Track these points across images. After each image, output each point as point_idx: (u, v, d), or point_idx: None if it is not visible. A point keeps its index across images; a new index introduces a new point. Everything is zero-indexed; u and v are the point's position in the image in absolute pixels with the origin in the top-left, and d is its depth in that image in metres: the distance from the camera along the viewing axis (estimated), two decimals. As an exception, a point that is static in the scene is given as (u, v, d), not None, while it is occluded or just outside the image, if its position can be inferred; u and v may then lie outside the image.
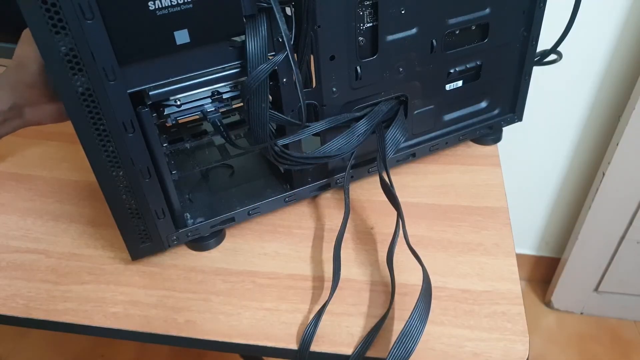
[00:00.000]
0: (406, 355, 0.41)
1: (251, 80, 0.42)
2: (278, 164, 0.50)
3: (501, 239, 0.54)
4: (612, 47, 0.92)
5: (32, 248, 0.56)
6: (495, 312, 0.47)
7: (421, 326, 0.42)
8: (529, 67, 0.61)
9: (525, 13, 0.56)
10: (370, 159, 0.59)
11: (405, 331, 0.42)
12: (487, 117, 0.64)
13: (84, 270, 0.53)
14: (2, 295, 0.50)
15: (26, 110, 0.54)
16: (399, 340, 0.41)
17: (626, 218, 1.08)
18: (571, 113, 1.03)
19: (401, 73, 0.53)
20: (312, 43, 0.47)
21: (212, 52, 0.43)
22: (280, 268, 0.52)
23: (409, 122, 0.58)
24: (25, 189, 0.64)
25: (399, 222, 0.49)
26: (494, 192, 0.59)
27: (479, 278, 0.50)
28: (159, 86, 0.42)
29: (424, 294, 0.44)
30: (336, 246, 0.50)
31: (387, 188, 0.51)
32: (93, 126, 0.41)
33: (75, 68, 0.38)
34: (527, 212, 1.22)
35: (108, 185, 0.45)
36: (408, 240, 0.48)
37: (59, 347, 1.26)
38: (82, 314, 0.48)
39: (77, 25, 0.36)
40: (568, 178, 1.14)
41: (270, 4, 0.41)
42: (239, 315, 0.48)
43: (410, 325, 0.42)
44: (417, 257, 0.47)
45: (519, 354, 0.43)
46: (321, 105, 0.51)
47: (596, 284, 1.22)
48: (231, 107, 0.47)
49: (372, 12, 0.48)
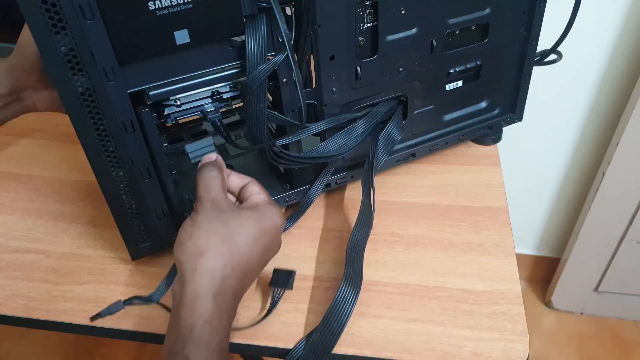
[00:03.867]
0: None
1: (251, 81, 0.42)
2: (276, 163, 0.50)
3: (501, 239, 0.54)
4: (612, 47, 0.92)
5: (32, 248, 0.56)
6: (495, 312, 0.47)
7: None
8: (529, 67, 0.61)
9: (525, 13, 0.56)
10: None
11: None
12: (487, 117, 0.64)
13: (84, 270, 0.53)
14: (2, 295, 0.50)
15: (25, 95, 0.54)
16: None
17: (626, 218, 1.08)
18: (571, 113, 1.03)
19: (401, 73, 0.53)
20: (312, 43, 0.47)
21: (212, 52, 0.43)
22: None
23: (409, 122, 0.58)
24: (25, 189, 0.64)
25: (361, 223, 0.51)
26: (494, 192, 0.59)
27: (479, 278, 0.50)
28: (159, 86, 0.42)
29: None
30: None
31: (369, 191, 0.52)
32: (93, 126, 0.41)
33: (75, 68, 0.38)
34: (527, 212, 1.22)
35: (108, 185, 0.45)
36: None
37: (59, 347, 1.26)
38: (82, 314, 0.48)
39: (77, 25, 0.36)
40: (568, 178, 1.14)
41: (270, 4, 0.41)
42: (239, 315, 0.48)
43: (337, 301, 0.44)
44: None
45: (519, 354, 0.43)
46: (321, 105, 0.51)
47: (596, 284, 1.22)
48: (231, 107, 0.47)
49: (372, 12, 0.48)
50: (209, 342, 0.36)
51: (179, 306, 0.36)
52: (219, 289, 0.37)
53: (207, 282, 0.37)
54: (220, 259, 0.38)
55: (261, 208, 0.43)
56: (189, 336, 0.35)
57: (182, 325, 0.36)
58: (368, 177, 0.53)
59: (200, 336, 0.35)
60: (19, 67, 0.52)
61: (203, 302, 0.36)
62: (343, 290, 0.45)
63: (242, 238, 0.40)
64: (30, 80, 0.53)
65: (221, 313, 0.37)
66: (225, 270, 0.38)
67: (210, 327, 0.36)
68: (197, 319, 0.36)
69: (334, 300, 0.44)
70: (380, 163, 0.54)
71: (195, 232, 0.39)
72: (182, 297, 0.36)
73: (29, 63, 0.52)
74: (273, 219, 0.43)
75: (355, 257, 0.48)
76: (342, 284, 0.45)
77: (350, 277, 0.46)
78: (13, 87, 0.53)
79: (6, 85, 0.52)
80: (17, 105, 0.55)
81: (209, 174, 0.42)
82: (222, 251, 0.38)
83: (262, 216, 0.42)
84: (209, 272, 0.37)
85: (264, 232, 0.41)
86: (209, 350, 0.35)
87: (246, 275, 0.40)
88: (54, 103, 0.55)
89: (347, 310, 0.44)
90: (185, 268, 0.37)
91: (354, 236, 0.50)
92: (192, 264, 0.37)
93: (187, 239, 0.39)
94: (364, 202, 0.52)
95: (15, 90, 0.53)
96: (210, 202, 0.41)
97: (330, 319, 0.44)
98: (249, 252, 0.40)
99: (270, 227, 0.42)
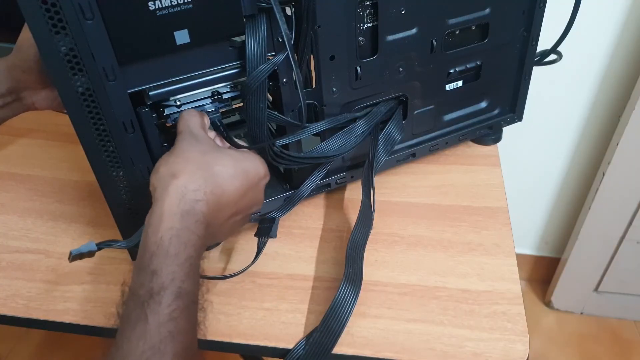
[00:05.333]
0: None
1: (251, 81, 0.42)
2: (276, 163, 0.50)
3: (501, 239, 0.54)
4: (612, 47, 0.92)
5: (32, 248, 0.56)
6: (495, 312, 0.47)
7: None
8: (529, 67, 0.61)
9: (525, 13, 0.56)
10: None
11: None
12: (487, 117, 0.64)
13: (84, 270, 0.53)
14: (2, 295, 0.50)
15: (25, 95, 0.54)
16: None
17: (626, 218, 1.08)
18: (571, 113, 1.03)
19: (401, 73, 0.53)
20: (312, 43, 0.47)
21: (212, 52, 0.43)
22: (280, 268, 0.52)
23: (409, 122, 0.58)
24: (25, 189, 0.64)
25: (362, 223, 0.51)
26: (494, 192, 0.59)
27: (479, 278, 0.50)
28: (159, 86, 0.42)
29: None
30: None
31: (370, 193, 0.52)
32: (93, 126, 0.41)
33: (75, 68, 0.38)
34: (527, 212, 1.22)
35: (108, 185, 0.45)
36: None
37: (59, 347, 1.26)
38: (82, 314, 0.48)
39: (77, 25, 0.36)
40: (568, 178, 1.14)
41: (270, 4, 0.41)
42: (239, 315, 0.48)
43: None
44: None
45: (519, 353, 0.43)
46: (321, 105, 0.51)
47: (596, 284, 1.21)
48: (231, 107, 0.47)
49: (372, 12, 0.48)
50: (177, 254, 0.35)
51: (148, 224, 0.36)
52: (188, 209, 0.36)
53: (176, 200, 0.36)
54: (192, 181, 0.37)
55: (245, 152, 0.43)
56: (156, 250, 0.34)
57: (149, 241, 0.35)
58: (368, 177, 0.53)
59: (168, 249, 0.34)
60: (18, 67, 0.52)
61: (171, 218, 0.35)
62: (343, 290, 0.45)
63: (219, 169, 0.39)
64: (29, 80, 0.53)
65: (190, 233, 0.36)
66: (197, 193, 0.37)
67: (178, 240, 0.35)
68: (164, 233, 0.35)
69: (334, 300, 0.44)
70: (380, 163, 0.54)
71: (172, 159, 0.39)
72: (151, 215, 0.36)
73: (28, 63, 0.52)
74: (255, 163, 0.42)
75: (355, 257, 0.48)
76: (342, 284, 0.45)
77: (350, 277, 0.46)
78: (12, 86, 0.53)
79: (5, 85, 0.53)
80: (17, 104, 0.55)
81: (189, 113, 0.42)
82: (196, 175, 0.37)
83: (245, 157, 0.42)
84: (180, 190, 0.36)
85: (243, 171, 0.40)
86: (177, 263, 0.34)
87: (220, 208, 0.39)
88: (54, 102, 0.56)
89: (347, 310, 0.44)
90: (157, 191, 0.37)
91: (354, 236, 0.50)
92: (164, 185, 0.37)
93: (162, 165, 0.38)
94: (364, 202, 0.52)
95: (14, 90, 0.53)
96: (189, 134, 0.40)
97: (330, 319, 0.44)
98: (224, 183, 0.39)
99: (249, 169, 0.41)
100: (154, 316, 0.32)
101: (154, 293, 0.33)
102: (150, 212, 0.36)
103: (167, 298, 0.33)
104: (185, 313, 0.34)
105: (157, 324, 0.32)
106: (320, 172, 0.55)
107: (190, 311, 0.35)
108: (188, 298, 0.34)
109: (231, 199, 0.40)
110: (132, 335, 0.32)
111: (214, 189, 0.38)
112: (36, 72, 0.52)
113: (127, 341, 0.32)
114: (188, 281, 0.35)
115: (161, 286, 0.33)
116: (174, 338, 0.32)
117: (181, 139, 0.40)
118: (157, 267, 0.34)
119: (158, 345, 0.32)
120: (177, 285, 0.34)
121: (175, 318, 0.33)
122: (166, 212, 0.35)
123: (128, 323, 0.33)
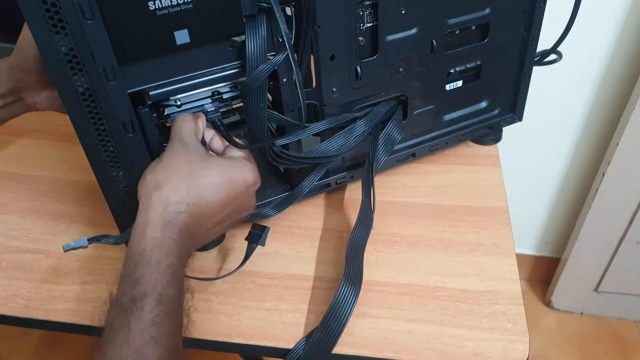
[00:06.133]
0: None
1: (251, 81, 0.42)
2: (276, 163, 0.50)
3: (501, 239, 0.54)
4: (612, 47, 0.92)
5: (32, 248, 0.56)
6: (495, 312, 0.47)
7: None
8: (529, 67, 0.61)
9: (525, 13, 0.56)
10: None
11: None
12: (487, 117, 0.64)
13: (84, 270, 0.53)
14: (2, 295, 0.50)
15: (25, 95, 0.54)
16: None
17: (626, 218, 1.08)
18: (571, 113, 1.03)
19: (401, 73, 0.53)
20: (312, 43, 0.47)
21: (212, 52, 0.43)
22: (280, 268, 0.52)
23: (409, 122, 0.58)
24: (25, 189, 0.64)
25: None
26: (494, 192, 0.59)
27: (479, 278, 0.50)
28: (159, 86, 0.42)
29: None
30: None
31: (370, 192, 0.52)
32: (93, 126, 0.41)
33: (75, 68, 0.38)
34: (527, 212, 1.22)
35: (108, 185, 0.45)
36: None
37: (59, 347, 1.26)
38: (82, 314, 0.48)
39: (77, 25, 0.36)
40: (568, 178, 1.14)
41: (270, 4, 0.41)
42: (239, 315, 0.48)
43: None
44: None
45: (519, 353, 0.43)
46: (321, 105, 0.51)
47: (596, 284, 1.21)
48: (231, 107, 0.47)
49: (372, 12, 0.48)
50: (159, 263, 0.35)
51: (132, 235, 0.37)
52: (170, 220, 0.37)
53: (159, 211, 0.37)
54: (175, 192, 0.38)
55: (233, 160, 0.43)
56: (139, 260, 0.35)
57: (133, 252, 0.36)
58: (368, 177, 0.53)
59: (150, 258, 0.35)
60: (18, 67, 0.52)
61: (154, 228, 0.36)
62: (343, 290, 0.45)
63: (204, 180, 0.39)
64: (30, 80, 0.53)
65: (172, 242, 0.37)
66: (179, 205, 0.37)
67: (159, 249, 0.36)
68: (147, 242, 0.36)
69: (334, 300, 0.44)
70: (380, 163, 0.54)
71: (159, 167, 0.39)
72: (135, 227, 0.37)
73: (28, 64, 0.52)
74: (243, 171, 0.42)
75: (355, 257, 0.48)
76: (342, 284, 0.45)
77: (350, 277, 0.46)
78: (13, 87, 0.53)
79: (6, 85, 0.53)
80: (18, 104, 0.55)
81: (182, 119, 0.43)
82: (180, 186, 0.38)
83: (232, 165, 0.42)
84: (162, 202, 0.37)
85: (229, 181, 0.41)
86: (159, 271, 0.35)
87: (203, 218, 0.39)
88: (54, 103, 0.56)
89: (347, 310, 0.44)
90: (141, 201, 0.38)
91: (354, 236, 0.50)
92: (148, 195, 0.38)
93: (149, 173, 0.39)
94: (364, 202, 0.52)
95: (15, 90, 0.53)
96: (178, 141, 0.41)
97: (330, 319, 0.44)
98: (208, 194, 0.39)
99: (237, 178, 0.41)
100: (136, 322, 0.33)
101: (137, 300, 0.34)
102: (135, 224, 0.37)
103: (149, 304, 0.34)
104: (168, 318, 0.35)
105: (140, 329, 0.33)
106: (318, 172, 0.55)
107: (173, 316, 0.35)
108: (171, 303, 0.35)
109: (215, 209, 0.40)
110: (115, 340, 0.33)
111: (197, 201, 0.39)
112: (37, 73, 0.52)
113: (111, 347, 0.33)
114: (170, 287, 0.35)
115: (143, 293, 0.34)
116: (157, 342, 0.33)
117: (170, 146, 0.41)
118: (140, 275, 0.35)
119: (141, 349, 0.33)
120: (159, 291, 0.35)
121: (157, 323, 0.34)
122: (150, 223, 0.37)
123: (112, 330, 0.34)
